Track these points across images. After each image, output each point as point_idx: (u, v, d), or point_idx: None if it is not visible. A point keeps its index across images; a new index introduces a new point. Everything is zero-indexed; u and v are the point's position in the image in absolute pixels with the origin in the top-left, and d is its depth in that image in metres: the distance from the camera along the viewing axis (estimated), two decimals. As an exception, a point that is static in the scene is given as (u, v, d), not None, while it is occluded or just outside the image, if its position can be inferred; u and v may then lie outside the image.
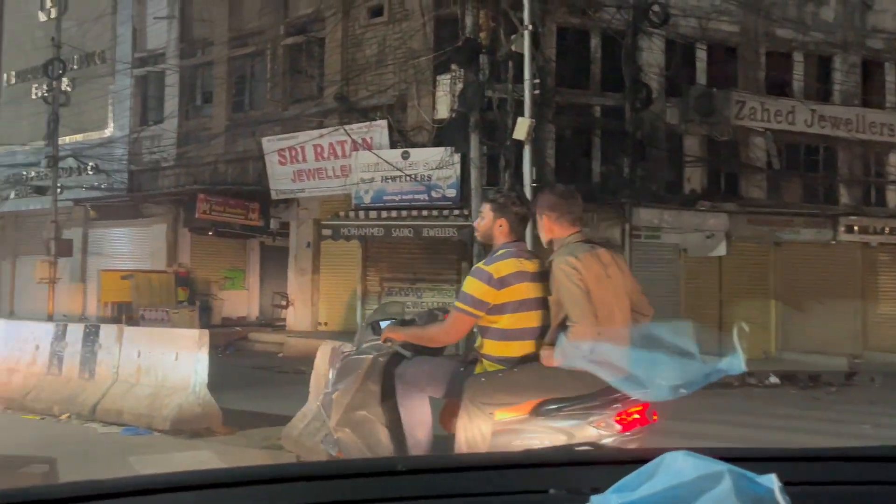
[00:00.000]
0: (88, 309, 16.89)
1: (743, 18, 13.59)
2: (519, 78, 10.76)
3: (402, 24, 12.76)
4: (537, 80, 10.23)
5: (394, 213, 11.64)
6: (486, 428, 3.21)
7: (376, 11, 13.11)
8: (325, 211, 14.35)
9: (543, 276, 3.15)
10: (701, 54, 13.55)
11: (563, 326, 3.08)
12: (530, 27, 10.09)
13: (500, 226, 3.32)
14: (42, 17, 17.94)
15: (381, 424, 3.79)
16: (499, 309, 3.19)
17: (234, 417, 6.21)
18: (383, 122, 12.51)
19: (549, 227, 3.19)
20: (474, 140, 10.94)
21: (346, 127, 12.44)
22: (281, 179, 13.71)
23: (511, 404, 3.22)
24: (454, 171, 11.38)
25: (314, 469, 1.78)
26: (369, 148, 12.43)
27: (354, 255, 13.03)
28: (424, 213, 11.41)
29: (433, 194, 11.51)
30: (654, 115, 12.68)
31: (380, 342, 3.68)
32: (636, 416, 3.17)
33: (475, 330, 3.34)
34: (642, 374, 2.77)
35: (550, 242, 3.20)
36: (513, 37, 10.55)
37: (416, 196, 11.62)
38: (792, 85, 14.02)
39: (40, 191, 16.02)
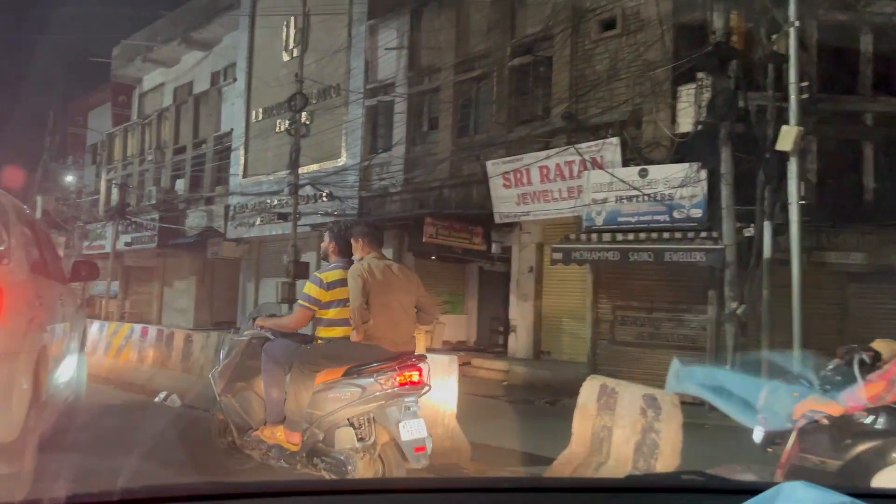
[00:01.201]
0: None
1: None
2: (779, 84, 9.53)
3: (637, 36, 11.95)
4: (805, 84, 8.92)
5: (630, 236, 10.76)
6: (310, 383, 4.61)
7: (608, 24, 12.43)
8: (549, 235, 13.82)
9: None
10: None
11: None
12: (796, 24, 8.85)
13: (333, 247, 5.01)
14: (285, 56, 19.51)
15: (254, 392, 5.12)
16: (326, 305, 4.76)
17: (482, 453, 5.73)
18: (615, 140, 11.73)
19: (359, 248, 4.85)
20: (725, 154, 9.79)
21: (576, 146, 11.82)
22: (505, 202, 13.39)
23: (327, 367, 4.63)
24: (700, 189, 10.27)
25: (431, 483, 2.06)
26: (600, 167, 11.69)
27: (583, 280, 12.29)
28: (665, 235, 10.40)
29: (675, 215, 10.48)
30: (945, 119, 10.65)
31: (256, 330, 5.16)
32: (411, 379, 4.47)
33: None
34: (758, 401, 2.95)
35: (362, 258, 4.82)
36: (773, 37, 9.35)
37: (656, 217, 10.65)
38: None
39: (283, 217, 17.17)
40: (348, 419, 4.58)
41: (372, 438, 4.56)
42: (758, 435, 3.21)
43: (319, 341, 4.82)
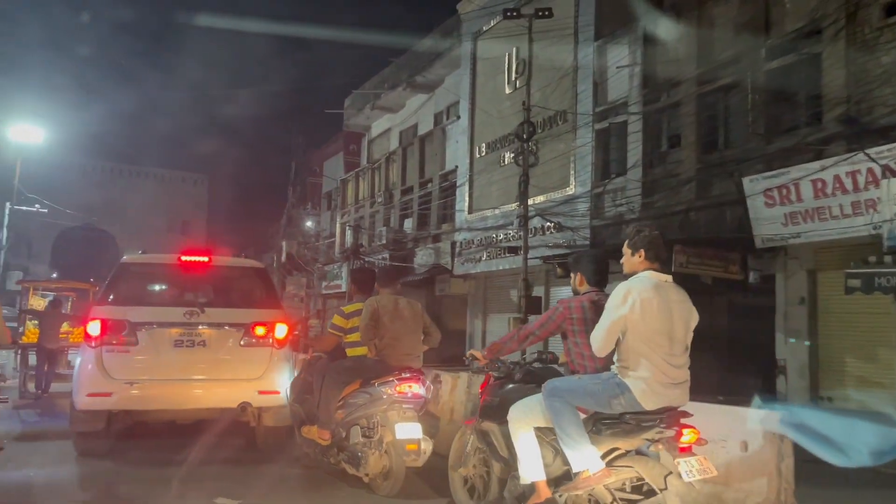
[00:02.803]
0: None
1: None
2: None
3: (938, 14, 9.83)
4: None
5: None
6: (338, 392, 6.08)
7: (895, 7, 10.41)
8: (824, 259, 11.80)
9: None
10: None
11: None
12: None
13: (353, 288, 6.93)
14: (507, 89, 19.23)
15: (313, 404, 6.36)
16: (348, 331, 6.39)
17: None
18: (917, 141, 9.63)
19: (377, 288, 6.50)
20: None
21: (868, 151, 9.88)
22: (767, 224, 11.63)
23: (348, 378, 6.09)
24: None
25: None
26: (895, 174, 9.63)
27: (881, 313, 10.17)
28: None
29: None
30: None
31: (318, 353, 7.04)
32: (412, 388, 5.77)
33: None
34: (841, 439, 3.67)
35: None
36: None
37: None
38: None
39: (512, 251, 16.65)
40: (360, 420, 5.87)
41: (377, 436, 5.73)
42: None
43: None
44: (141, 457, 7.31)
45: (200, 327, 7.00)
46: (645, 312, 3.88)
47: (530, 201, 16.08)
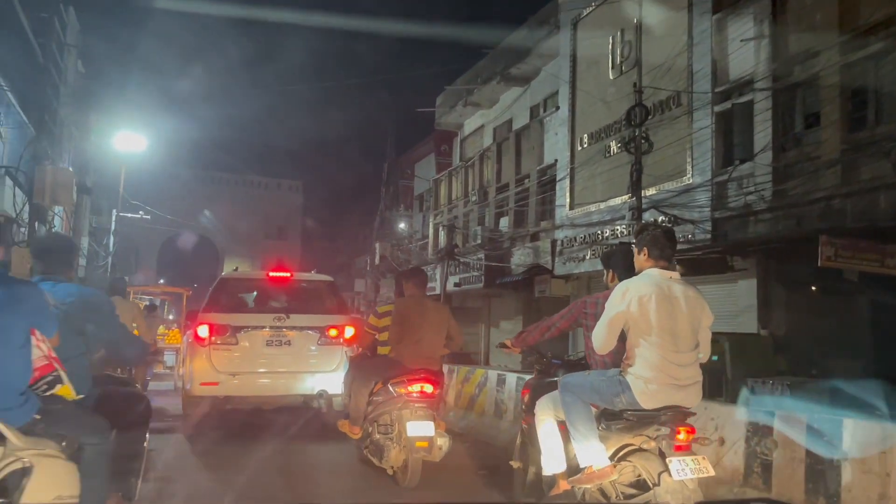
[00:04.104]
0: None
1: None
2: None
3: None
4: None
5: None
6: (366, 390, 6.47)
7: None
8: None
9: None
10: None
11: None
12: None
13: (396, 290, 7.45)
14: (611, 74, 17.88)
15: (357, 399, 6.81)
16: (380, 330, 6.87)
17: None
18: None
19: (409, 289, 6.68)
20: None
21: None
22: (935, 210, 9.90)
23: (372, 377, 6.50)
24: None
25: None
26: None
27: None
28: None
29: None
30: None
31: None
32: (422, 389, 6.15)
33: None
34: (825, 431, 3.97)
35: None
36: None
37: None
38: None
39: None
40: (380, 417, 6.23)
41: (395, 432, 6.13)
42: None
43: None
44: (225, 436, 8.48)
45: (286, 330, 8.54)
46: (642, 308, 3.84)
47: (642, 193, 14.72)
